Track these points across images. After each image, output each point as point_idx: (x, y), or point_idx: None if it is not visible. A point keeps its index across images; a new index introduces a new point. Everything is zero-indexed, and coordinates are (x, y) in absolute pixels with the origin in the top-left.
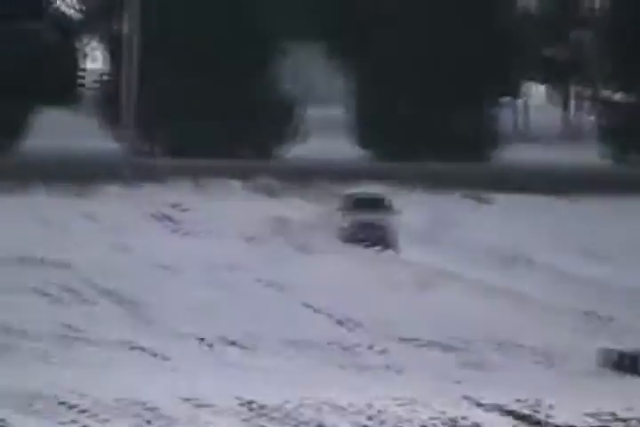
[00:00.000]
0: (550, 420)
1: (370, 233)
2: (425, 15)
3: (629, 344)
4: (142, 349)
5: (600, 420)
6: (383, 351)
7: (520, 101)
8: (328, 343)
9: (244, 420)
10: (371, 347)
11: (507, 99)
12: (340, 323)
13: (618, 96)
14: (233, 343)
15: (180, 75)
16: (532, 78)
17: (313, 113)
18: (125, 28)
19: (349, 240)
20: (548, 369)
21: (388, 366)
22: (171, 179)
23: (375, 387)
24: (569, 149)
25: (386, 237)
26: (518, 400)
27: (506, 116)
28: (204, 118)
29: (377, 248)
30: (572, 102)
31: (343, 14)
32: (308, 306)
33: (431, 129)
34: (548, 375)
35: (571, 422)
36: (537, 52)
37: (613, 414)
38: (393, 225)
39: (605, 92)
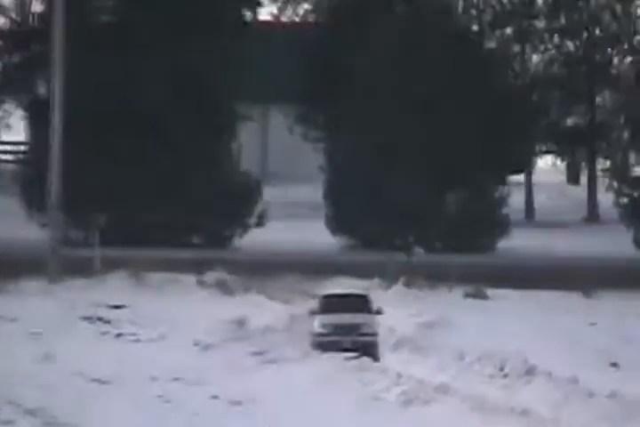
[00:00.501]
0: None
1: (347, 338)
2: (417, 74)
3: None
4: None
5: None
6: None
7: (533, 179)
8: None
9: None
10: None
11: (516, 176)
12: None
13: None
14: None
15: (118, 147)
16: (547, 151)
17: (278, 192)
18: (50, 90)
19: (323, 347)
20: None
21: None
22: (108, 273)
23: None
24: (592, 236)
25: (366, 343)
26: None
27: (515, 197)
28: (148, 199)
29: (354, 355)
30: (598, 180)
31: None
32: None
33: (423, 214)
34: None
35: None
36: (553, 119)
37: None
38: (374, 328)
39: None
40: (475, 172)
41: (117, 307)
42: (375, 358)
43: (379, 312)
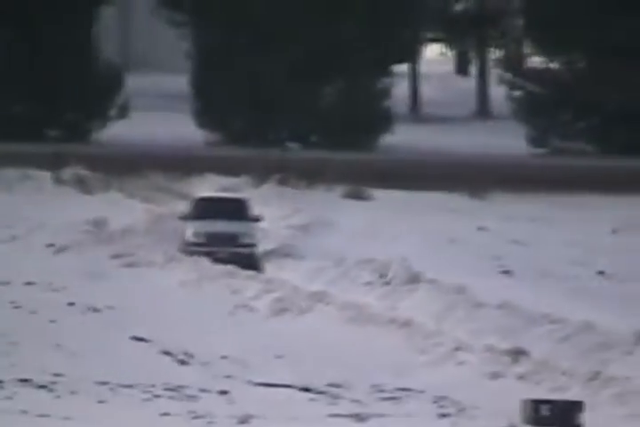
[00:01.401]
0: None
1: (223, 249)
2: None
3: None
4: None
5: None
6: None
7: (419, 69)
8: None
9: None
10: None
11: (400, 66)
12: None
13: (547, 63)
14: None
15: None
16: (435, 39)
17: (142, 82)
18: None
19: (195, 254)
20: None
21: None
22: None
23: None
24: (482, 132)
25: (245, 255)
26: None
27: (399, 89)
28: (0, 89)
29: (231, 265)
30: (490, 71)
31: None
32: (135, 339)
33: (298, 107)
34: None
35: None
36: (441, 3)
37: None
38: (253, 238)
39: (532, 58)
40: (354, 61)
41: None
42: (258, 268)
43: (257, 219)
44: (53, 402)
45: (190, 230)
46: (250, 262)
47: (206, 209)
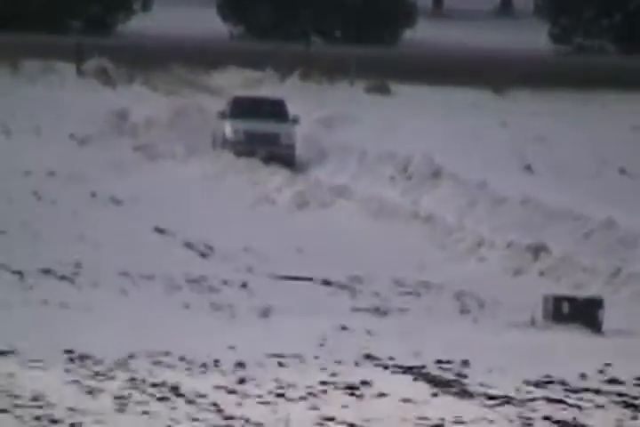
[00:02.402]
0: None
1: (263, 148)
2: None
3: None
4: None
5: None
6: None
7: None
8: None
9: None
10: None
11: None
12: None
13: None
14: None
15: None
16: None
17: None
18: None
19: (234, 152)
20: None
21: None
22: None
23: None
24: (505, 29)
25: (284, 155)
26: None
27: None
28: None
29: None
30: None
31: None
32: (157, 230)
33: (323, 1)
34: None
35: None
36: None
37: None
38: (293, 139)
39: None
40: None
41: None
42: (295, 167)
43: (296, 121)
44: (74, 293)
45: (229, 129)
46: (288, 163)
47: (245, 108)
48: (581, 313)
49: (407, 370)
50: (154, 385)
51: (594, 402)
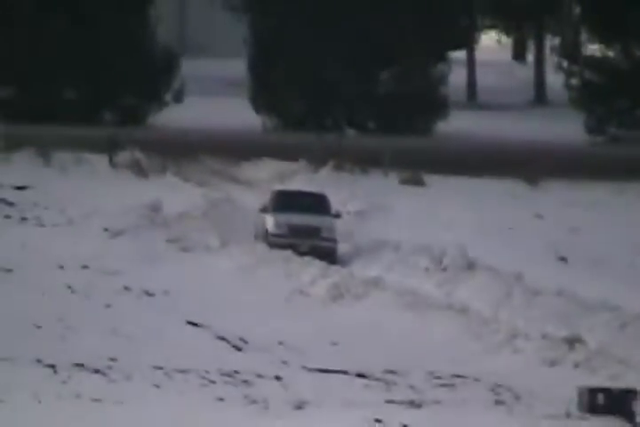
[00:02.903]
0: None
1: (306, 241)
2: None
3: None
4: None
5: None
6: None
7: (476, 56)
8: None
9: None
10: None
11: (457, 53)
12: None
13: (604, 51)
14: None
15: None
16: (492, 26)
17: (198, 66)
18: None
19: (276, 245)
20: None
21: None
22: (12, 151)
23: None
24: (539, 120)
25: (326, 249)
26: None
27: (456, 76)
28: (58, 72)
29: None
30: (547, 59)
31: None
32: (191, 323)
33: (355, 92)
34: None
35: None
36: None
37: None
38: (334, 233)
39: (590, 46)
40: (410, 46)
41: (21, 188)
42: (338, 262)
43: (338, 215)
44: (108, 387)
45: (272, 222)
46: (329, 257)
47: (287, 202)
48: (617, 405)
49: None
50: None
51: None
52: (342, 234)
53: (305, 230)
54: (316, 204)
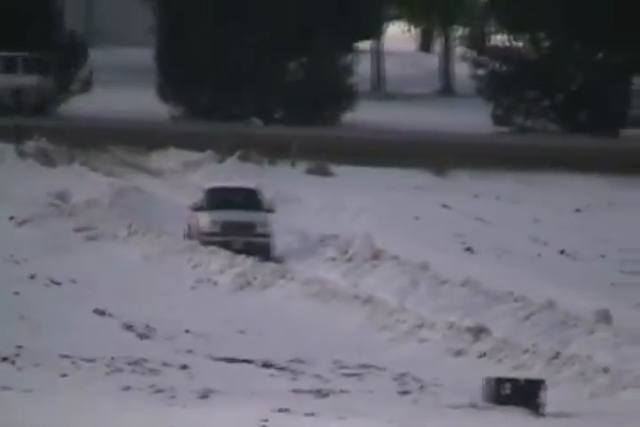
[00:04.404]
0: None
1: (240, 238)
2: None
3: None
4: None
5: None
6: None
7: (383, 46)
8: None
9: None
10: None
11: (364, 44)
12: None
13: (511, 42)
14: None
15: None
16: (398, 17)
17: (106, 56)
18: None
19: (211, 244)
20: None
21: None
22: None
23: None
24: (446, 110)
25: (261, 245)
26: None
27: (363, 66)
28: None
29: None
30: (453, 49)
31: None
32: (97, 312)
33: (262, 83)
34: None
35: None
36: None
37: None
38: (268, 228)
39: (497, 36)
40: (318, 37)
41: None
42: (277, 259)
43: (271, 210)
44: (15, 374)
45: (206, 220)
46: (264, 252)
47: (219, 199)
48: (522, 395)
49: None
50: None
51: None
52: None
53: (239, 227)
54: (250, 199)
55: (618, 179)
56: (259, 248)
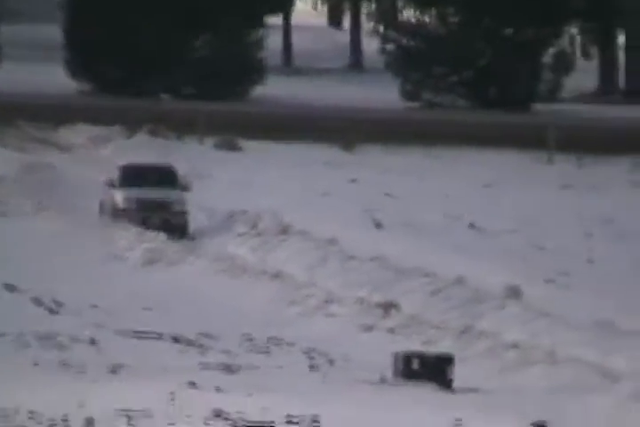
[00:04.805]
0: None
1: (156, 215)
2: None
3: None
4: None
5: None
6: None
7: (291, 21)
8: None
9: None
10: None
11: (273, 18)
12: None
13: (420, 17)
14: None
15: None
16: None
17: (14, 31)
18: None
19: (125, 221)
20: None
21: None
22: None
23: None
24: (355, 85)
25: (177, 223)
26: None
27: (272, 41)
28: None
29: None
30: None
31: None
32: (6, 286)
33: (170, 58)
34: None
35: None
36: None
37: None
38: (185, 206)
39: (406, 11)
40: (226, 11)
41: None
42: (186, 238)
43: (186, 188)
44: None
45: (120, 197)
46: (180, 230)
47: (134, 176)
48: (432, 370)
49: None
50: None
51: None
52: None
53: (154, 205)
54: (165, 177)
55: (529, 154)
56: (176, 226)
